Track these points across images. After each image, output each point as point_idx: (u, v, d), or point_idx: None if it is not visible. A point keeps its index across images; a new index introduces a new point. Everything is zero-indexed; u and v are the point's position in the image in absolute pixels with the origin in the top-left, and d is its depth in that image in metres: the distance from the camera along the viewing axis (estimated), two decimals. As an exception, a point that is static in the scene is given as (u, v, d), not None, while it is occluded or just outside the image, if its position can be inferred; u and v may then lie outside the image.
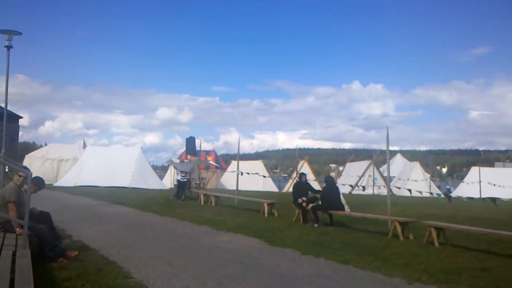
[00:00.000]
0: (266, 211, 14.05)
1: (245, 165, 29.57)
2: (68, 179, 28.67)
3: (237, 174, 18.28)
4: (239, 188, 18.29)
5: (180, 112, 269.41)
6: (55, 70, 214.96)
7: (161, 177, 35.07)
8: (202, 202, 18.18)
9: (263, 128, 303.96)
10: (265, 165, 38.35)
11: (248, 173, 20.52)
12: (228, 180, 30.80)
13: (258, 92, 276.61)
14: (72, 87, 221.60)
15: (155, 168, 43.50)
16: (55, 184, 27.91)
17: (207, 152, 39.49)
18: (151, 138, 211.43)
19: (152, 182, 29.47)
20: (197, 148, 25.26)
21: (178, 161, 26.26)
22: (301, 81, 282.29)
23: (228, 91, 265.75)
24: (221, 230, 10.68)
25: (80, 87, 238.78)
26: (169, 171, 33.37)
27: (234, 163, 28.82)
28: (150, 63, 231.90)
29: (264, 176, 30.43)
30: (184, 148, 26.14)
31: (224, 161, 43.66)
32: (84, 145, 35.96)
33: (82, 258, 6.78)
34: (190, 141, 24.02)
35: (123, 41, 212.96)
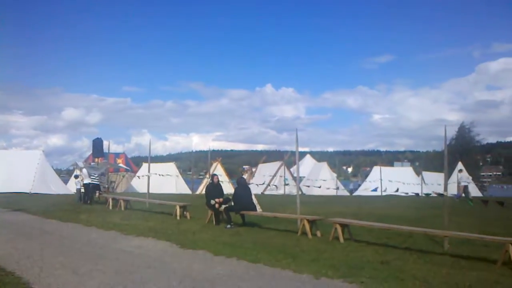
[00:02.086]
0: (178, 213, 13.87)
1: (157, 168, 28.98)
2: (-42, 186, 26.02)
3: (148, 177, 17.83)
4: (151, 191, 17.86)
5: (88, 113, 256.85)
6: None
7: (66, 181, 33.14)
8: (110, 207, 17.47)
9: (177, 130, 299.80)
10: (178, 167, 37.86)
11: (159, 175, 20.09)
12: (139, 183, 29.98)
13: (171, 93, 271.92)
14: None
15: (59, 172, 41.00)
16: None
17: (117, 155, 38.16)
18: (55, 140, 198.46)
19: (55, 187, 27.79)
20: (105, 150, 24.22)
21: (83, 164, 24.97)
22: (215, 84, 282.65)
23: (140, 91, 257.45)
24: (131, 235, 10.35)
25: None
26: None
27: (145, 166, 28.09)
28: (55, 60, 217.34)
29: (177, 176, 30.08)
30: (91, 151, 24.99)
31: (135, 163, 42.35)
32: (-22, 148, 32.91)
33: (-27, 271, 6.20)
34: (97, 143, 23.00)
35: (25, 36, 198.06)
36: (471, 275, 6.47)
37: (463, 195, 22.59)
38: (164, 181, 30.18)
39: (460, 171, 26.14)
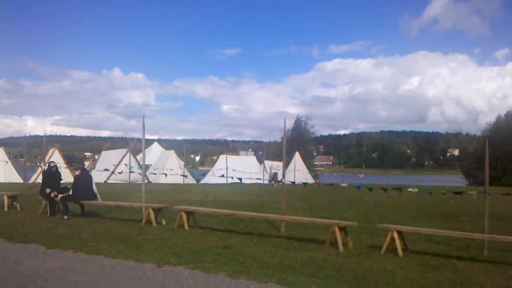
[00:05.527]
0: (6, 204, 12.47)
1: (-19, 153, 25.71)
2: None
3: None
4: (-28, 180, 15.69)
5: None
6: None
7: None
8: None
9: (8, 112, 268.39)
10: (8, 153, 34.03)
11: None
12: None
13: (2, 71, 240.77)
14: None
15: None
16: None
17: None
18: None
19: None
20: None
21: None
22: (56, 63, 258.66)
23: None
24: None
25: None
26: None
27: (-34, 151, 24.57)
28: None
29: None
30: None
31: (-47, 148, 36.78)
32: None
33: None
34: None
35: None
36: (303, 255, 7.10)
37: (273, 180, 27.99)
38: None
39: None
